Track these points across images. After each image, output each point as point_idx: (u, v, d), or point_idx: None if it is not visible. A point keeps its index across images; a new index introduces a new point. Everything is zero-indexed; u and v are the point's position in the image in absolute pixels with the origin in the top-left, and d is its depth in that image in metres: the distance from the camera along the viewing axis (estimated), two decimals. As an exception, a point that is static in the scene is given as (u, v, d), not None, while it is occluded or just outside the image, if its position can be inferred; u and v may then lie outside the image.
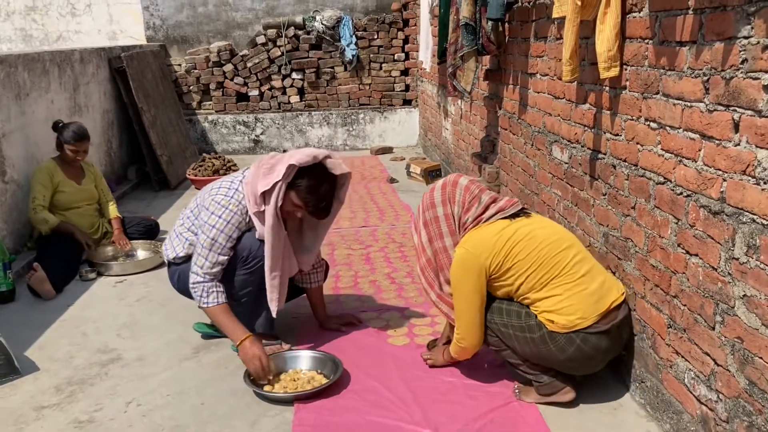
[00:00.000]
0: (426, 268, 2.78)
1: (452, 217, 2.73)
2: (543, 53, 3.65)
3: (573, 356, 2.54)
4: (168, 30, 8.82)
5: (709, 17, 2.05)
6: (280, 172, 2.83)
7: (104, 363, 3.15)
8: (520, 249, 2.58)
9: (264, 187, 2.85)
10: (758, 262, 1.86)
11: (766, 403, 1.87)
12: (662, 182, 2.39)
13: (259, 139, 8.87)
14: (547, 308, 2.55)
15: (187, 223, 3.14)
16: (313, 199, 2.88)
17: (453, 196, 2.73)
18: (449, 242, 2.72)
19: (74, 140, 4.53)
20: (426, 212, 2.78)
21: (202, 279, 2.92)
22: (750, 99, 1.86)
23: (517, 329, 2.59)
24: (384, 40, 8.72)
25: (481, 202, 2.69)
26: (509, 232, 2.61)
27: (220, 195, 2.96)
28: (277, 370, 2.92)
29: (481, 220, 2.67)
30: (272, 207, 2.85)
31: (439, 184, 2.80)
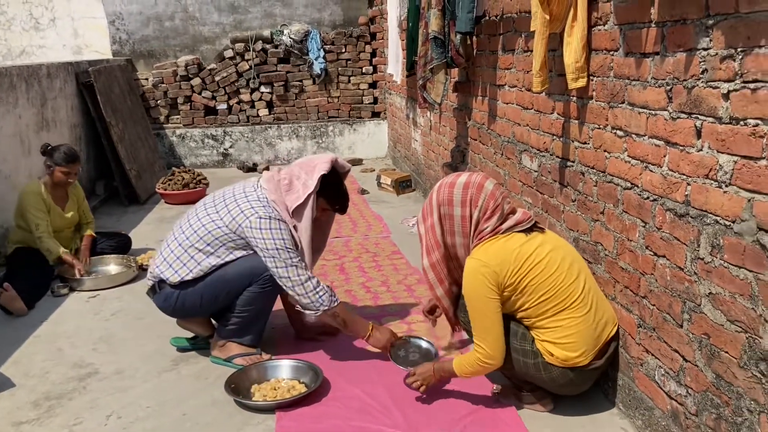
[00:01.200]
0: (439, 263, 2.72)
1: (469, 220, 2.62)
2: (511, 65, 3.76)
3: (563, 384, 2.59)
4: (134, 44, 8.79)
5: (671, 30, 2.16)
6: (310, 184, 3.00)
7: (82, 377, 3.13)
8: (538, 272, 2.51)
9: (296, 201, 3.00)
10: (722, 261, 1.97)
11: (732, 395, 1.96)
12: (629, 187, 2.49)
13: (228, 153, 8.86)
14: (550, 339, 2.54)
15: (198, 245, 3.02)
16: (340, 200, 3.17)
17: (476, 200, 2.60)
18: (460, 241, 2.66)
19: (66, 162, 4.47)
20: (442, 207, 2.67)
21: (316, 282, 2.96)
22: (711, 107, 1.97)
23: (512, 349, 2.59)
24: (352, 53, 8.81)
25: (503, 212, 2.60)
26: (527, 249, 2.54)
27: (261, 212, 2.97)
28: (258, 379, 2.94)
29: (498, 231, 2.58)
30: (309, 218, 3.01)
31: (462, 182, 2.65)
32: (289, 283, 2.92)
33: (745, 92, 1.82)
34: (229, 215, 3.01)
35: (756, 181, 1.80)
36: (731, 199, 1.91)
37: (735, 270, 1.91)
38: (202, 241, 3.02)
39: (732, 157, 1.90)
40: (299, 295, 2.92)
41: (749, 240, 1.84)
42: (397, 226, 5.60)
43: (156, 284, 3.13)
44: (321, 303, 2.93)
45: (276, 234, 2.93)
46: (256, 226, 2.94)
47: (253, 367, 3.00)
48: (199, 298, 3.04)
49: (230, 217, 3.00)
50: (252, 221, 2.95)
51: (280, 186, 3.03)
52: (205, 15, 8.82)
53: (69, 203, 4.66)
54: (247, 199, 3.03)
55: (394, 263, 4.65)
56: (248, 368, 3.01)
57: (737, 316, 1.92)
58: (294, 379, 2.96)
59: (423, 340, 3.15)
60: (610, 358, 2.63)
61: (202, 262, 3.02)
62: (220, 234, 3.00)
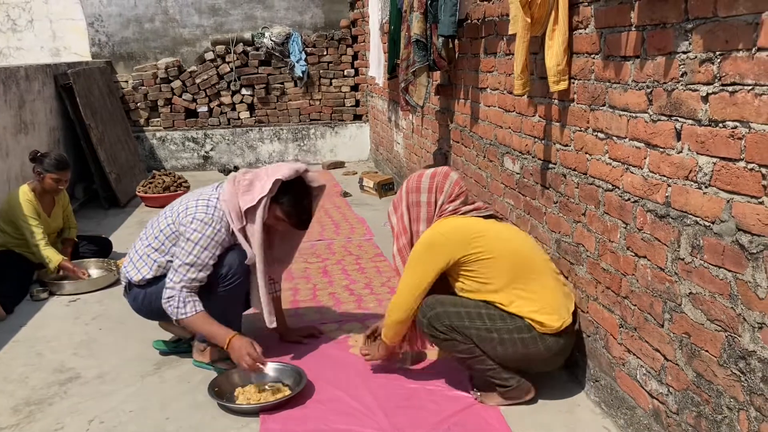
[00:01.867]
0: (405, 248, 2.87)
1: (434, 205, 2.82)
2: (493, 68, 3.79)
3: (557, 352, 2.70)
4: (114, 46, 8.72)
5: (651, 33, 2.19)
6: (265, 187, 2.90)
7: (62, 382, 3.10)
8: (500, 242, 2.71)
9: (248, 203, 2.91)
10: (702, 262, 2.00)
11: (712, 393, 1.99)
12: (611, 189, 2.52)
13: (209, 156, 8.82)
14: (534, 309, 2.66)
15: (155, 244, 3.07)
16: (296, 213, 2.98)
17: (442, 186, 2.83)
18: (424, 227, 2.84)
19: (57, 169, 4.41)
20: (410, 194, 2.86)
21: (178, 291, 2.91)
22: (690, 109, 2.00)
23: (504, 332, 2.65)
24: (333, 56, 8.81)
25: (466, 198, 2.86)
26: (487, 225, 2.77)
27: (200, 212, 2.95)
28: (242, 382, 2.93)
29: (458, 211, 2.81)
30: (259, 223, 2.92)
31: (429, 172, 2.88)
32: (168, 281, 2.93)
33: (723, 95, 1.85)
34: (177, 213, 3.03)
35: (735, 182, 1.84)
36: (711, 200, 1.94)
37: (715, 270, 1.94)
38: (157, 241, 3.06)
39: (711, 159, 1.93)
40: (163, 296, 2.94)
41: (728, 240, 1.87)
42: (380, 228, 5.61)
43: (126, 285, 3.18)
44: (170, 312, 2.93)
45: (195, 237, 2.90)
46: (187, 224, 2.94)
47: (237, 370, 2.99)
48: (160, 296, 3.00)
49: (176, 215, 3.03)
50: (187, 220, 2.96)
51: (239, 187, 2.97)
52: (186, 17, 8.78)
53: (55, 209, 4.62)
54: (196, 201, 3.02)
55: (378, 265, 4.66)
56: (232, 371, 3.00)
57: (717, 316, 1.95)
58: (278, 381, 2.95)
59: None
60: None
61: (158, 260, 3.05)
62: (169, 233, 3.03)
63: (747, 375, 1.83)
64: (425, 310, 2.73)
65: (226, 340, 2.90)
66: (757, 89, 1.72)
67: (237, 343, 2.88)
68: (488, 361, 2.71)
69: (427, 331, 2.73)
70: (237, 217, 2.95)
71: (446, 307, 2.70)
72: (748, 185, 1.79)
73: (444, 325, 2.68)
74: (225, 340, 2.90)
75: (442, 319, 2.68)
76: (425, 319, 2.72)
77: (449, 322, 2.68)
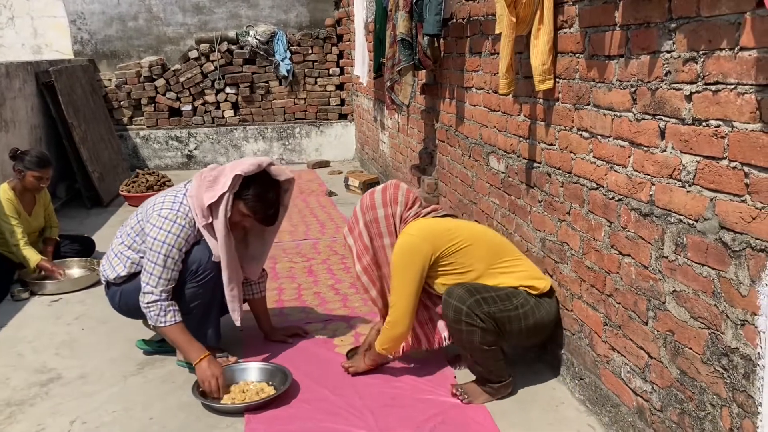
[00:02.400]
0: (370, 266, 2.90)
1: (392, 217, 2.88)
2: (478, 68, 3.79)
3: (554, 316, 2.82)
4: (97, 44, 8.64)
5: (635, 33, 2.21)
6: (226, 183, 2.84)
7: (44, 383, 3.06)
8: (466, 234, 2.80)
9: (210, 199, 2.86)
10: (686, 259, 2.01)
11: (695, 390, 2.01)
12: (595, 188, 2.53)
13: (193, 155, 8.76)
14: (522, 277, 2.79)
15: (127, 241, 3.06)
16: (261, 208, 2.91)
17: (395, 197, 2.89)
18: (387, 242, 2.88)
19: (39, 167, 4.35)
20: (366, 214, 2.90)
21: (158, 297, 2.88)
22: (674, 108, 2.01)
23: (521, 306, 2.72)
24: (318, 55, 8.79)
25: (421, 203, 2.95)
26: (452, 221, 2.88)
27: (165, 209, 2.93)
28: (227, 382, 2.92)
29: (420, 215, 2.89)
30: (222, 219, 2.87)
31: (379, 189, 2.94)
32: (144, 285, 2.90)
33: (707, 94, 1.87)
34: (145, 210, 3.02)
35: (718, 180, 1.85)
36: (694, 198, 1.95)
37: (698, 268, 1.96)
38: (129, 238, 3.06)
39: (695, 158, 1.94)
40: (139, 301, 2.91)
41: (712, 238, 1.88)
42: (365, 227, 5.59)
43: (105, 284, 3.18)
44: (149, 317, 2.91)
45: (161, 235, 2.87)
46: (153, 222, 2.91)
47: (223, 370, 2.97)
48: (136, 294, 2.98)
49: (145, 212, 3.01)
50: (152, 216, 2.93)
51: (204, 182, 2.93)
52: (170, 15, 8.72)
53: (36, 208, 4.56)
54: (164, 197, 3.00)
55: (363, 265, 4.65)
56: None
57: (700, 313, 1.96)
58: (263, 381, 2.94)
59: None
60: None
61: (132, 257, 3.03)
62: (138, 229, 3.01)
63: (730, 372, 1.85)
64: (464, 297, 2.65)
65: (197, 359, 2.86)
66: (740, 88, 1.74)
67: (205, 366, 2.84)
68: (500, 352, 2.75)
69: (465, 319, 2.64)
70: (201, 213, 2.90)
71: (481, 293, 2.68)
72: (731, 183, 1.80)
73: (483, 312, 2.63)
74: (196, 359, 2.86)
75: (481, 306, 2.64)
76: (465, 306, 2.63)
77: (487, 308, 2.65)
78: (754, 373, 1.75)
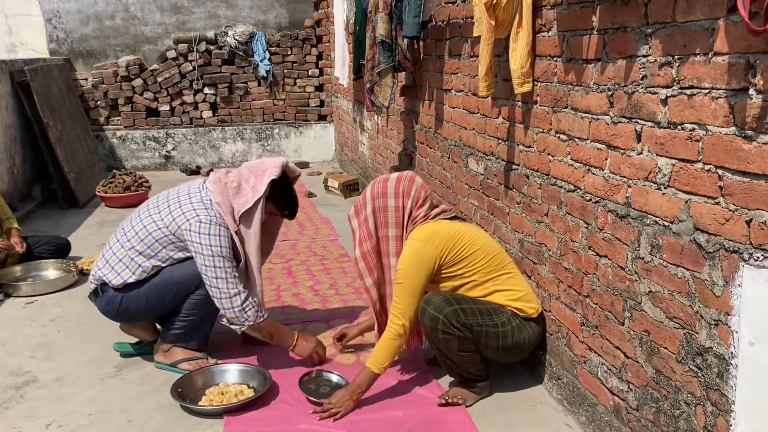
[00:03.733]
0: (370, 254, 2.86)
1: (402, 210, 2.83)
2: (457, 70, 3.81)
3: (534, 341, 2.79)
4: (73, 43, 8.55)
5: (612, 37, 2.24)
6: (260, 189, 2.96)
7: (19, 386, 3.02)
8: (473, 239, 2.78)
9: (245, 205, 2.95)
10: (661, 261, 2.04)
11: (670, 389, 2.04)
12: (572, 190, 2.56)
13: (171, 155, 8.70)
14: (512, 298, 2.76)
15: (139, 247, 2.95)
16: (291, 206, 3.16)
17: (408, 191, 2.83)
18: (393, 233, 2.85)
19: None
20: (376, 200, 2.85)
21: (246, 295, 2.89)
22: (650, 111, 2.05)
23: (503, 324, 2.70)
24: (298, 56, 8.78)
25: (432, 202, 2.89)
26: (459, 226, 2.82)
27: (202, 215, 2.90)
28: (205, 383, 2.90)
29: (428, 217, 2.83)
30: (259, 223, 2.98)
31: (394, 177, 2.89)
32: (218, 294, 2.87)
33: (682, 98, 1.90)
34: (170, 216, 2.95)
35: (693, 183, 1.88)
36: (670, 200, 1.99)
37: (673, 269, 1.99)
38: (142, 243, 2.96)
39: (670, 160, 1.97)
40: (225, 308, 2.88)
41: (686, 239, 1.92)
42: (345, 229, 5.58)
43: (98, 287, 3.05)
44: (246, 319, 2.90)
45: (214, 240, 2.86)
46: (195, 229, 2.87)
47: (200, 372, 2.96)
48: (144, 301, 2.97)
49: (171, 218, 2.94)
50: (192, 224, 2.88)
51: (228, 189, 2.97)
52: (147, 15, 8.65)
53: None
54: (189, 200, 2.96)
55: (343, 266, 4.65)
56: (195, 373, 2.97)
57: (675, 313, 2.00)
58: (242, 383, 2.93)
59: (333, 374, 3.00)
60: None
61: (143, 264, 2.96)
62: (160, 236, 2.94)
63: (704, 371, 1.88)
64: (441, 306, 2.64)
65: (293, 342, 3.06)
66: (714, 92, 1.77)
67: (304, 344, 3.07)
68: (478, 356, 2.74)
69: (442, 327, 2.63)
70: (231, 219, 2.96)
71: (461, 304, 2.67)
72: (705, 186, 1.84)
73: (460, 322, 2.63)
74: (292, 342, 3.06)
75: (459, 316, 2.63)
76: (441, 315, 2.62)
77: (465, 319, 2.64)
78: (728, 372, 1.78)
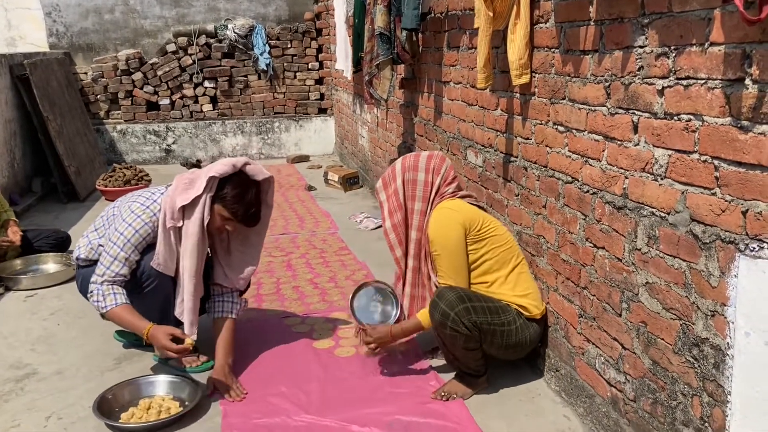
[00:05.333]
0: (400, 225, 2.91)
1: (431, 185, 2.88)
2: (456, 62, 3.81)
3: (533, 339, 2.80)
4: (73, 37, 8.53)
5: (609, 28, 2.23)
6: (201, 186, 2.79)
7: (19, 378, 3.03)
8: (494, 225, 2.84)
9: (184, 201, 2.80)
10: (658, 252, 2.04)
11: (667, 380, 2.04)
12: (570, 181, 2.56)
13: (171, 149, 8.69)
14: (518, 294, 2.78)
15: (97, 223, 3.11)
16: (241, 208, 2.82)
17: (439, 168, 2.90)
18: (418, 206, 2.88)
19: None
20: (406, 173, 2.90)
21: (98, 285, 2.84)
22: (647, 102, 2.04)
23: (508, 324, 2.70)
24: (298, 49, 8.76)
25: (459, 183, 2.96)
26: (482, 212, 2.90)
27: (137, 204, 2.92)
28: (132, 397, 2.79)
29: (456, 195, 2.90)
30: (198, 221, 2.82)
31: (425, 154, 2.96)
32: (93, 276, 2.89)
33: (678, 88, 1.90)
34: (122, 203, 3.04)
35: (689, 174, 1.88)
36: (666, 191, 1.98)
37: (670, 260, 1.99)
38: (100, 221, 3.11)
39: (667, 151, 1.97)
40: (89, 290, 2.90)
41: (683, 230, 1.92)
42: (345, 222, 5.60)
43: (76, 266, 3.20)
44: (96, 303, 2.86)
45: (123, 227, 2.85)
46: (122, 214, 2.92)
47: (127, 384, 2.84)
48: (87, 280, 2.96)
49: (121, 204, 3.04)
50: (123, 209, 2.95)
51: (180, 183, 2.89)
52: (147, 8, 8.63)
53: None
54: (143, 193, 3.01)
55: (342, 259, 4.66)
56: (123, 385, 2.84)
57: (672, 304, 2.00)
58: (170, 395, 2.80)
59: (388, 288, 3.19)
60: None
61: (93, 240, 3.05)
62: (110, 215, 3.06)
63: (700, 362, 1.88)
64: (453, 303, 2.62)
65: (144, 332, 2.80)
66: (710, 83, 1.77)
67: (153, 335, 2.78)
68: (480, 353, 2.73)
69: (451, 324, 2.61)
70: (172, 214, 2.83)
71: (473, 302, 2.65)
72: (701, 177, 1.83)
73: (471, 321, 2.61)
74: (143, 332, 2.80)
75: (470, 314, 2.62)
76: (453, 312, 2.61)
77: (475, 317, 2.62)
78: (724, 362, 1.79)
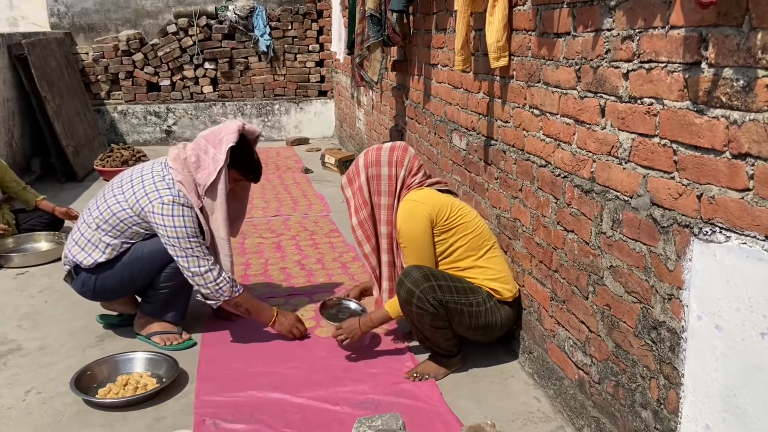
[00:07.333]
0: (366, 221, 2.92)
1: (395, 178, 2.88)
2: (443, 44, 3.79)
3: (505, 322, 2.81)
4: (74, 17, 8.55)
5: (580, 10, 2.22)
6: (220, 158, 2.95)
7: (2, 354, 3.08)
8: (464, 212, 2.84)
9: (209, 178, 2.95)
10: (621, 235, 2.05)
11: (628, 363, 2.05)
12: (544, 165, 2.56)
13: (171, 130, 8.72)
14: (489, 277, 2.78)
15: (104, 227, 2.97)
16: (254, 170, 3.16)
17: (402, 160, 2.89)
18: (385, 201, 2.89)
19: None
20: (369, 168, 2.90)
21: (218, 271, 2.92)
22: (613, 86, 2.04)
23: (477, 304, 2.71)
24: (298, 31, 8.74)
25: (425, 172, 2.95)
26: (452, 198, 2.89)
27: (165, 196, 2.89)
28: (110, 373, 2.83)
29: (423, 184, 2.90)
30: (224, 194, 2.98)
31: (387, 146, 2.95)
32: (189, 273, 2.90)
33: (641, 72, 1.89)
34: (134, 197, 2.95)
35: (650, 157, 1.88)
36: (629, 175, 1.99)
37: (632, 243, 1.99)
38: (107, 224, 2.97)
39: (630, 135, 1.97)
40: (199, 285, 2.91)
41: (644, 214, 1.92)
42: (338, 204, 5.61)
43: (72, 270, 3.08)
44: (221, 293, 2.93)
45: (177, 221, 2.86)
46: (159, 211, 2.88)
47: (105, 361, 2.88)
48: (117, 279, 3.00)
49: (134, 199, 2.94)
50: (155, 206, 2.89)
51: (188, 164, 2.95)
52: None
53: None
54: (153, 181, 2.95)
55: (332, 241, 4.68)
56: (100, 361, 2.88)
57: (633, 288, 2.00)
58: (148, 371, 2.84)
59: (353, 302, 3.27)
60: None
61: (111, 243, 2.97)
62: (124, 216, 2.95)
63: (658, 345, 1.89)
64: (418, 281, 2.64)
65: (271, 318, 3.08)
66: (669, 66, 1.76)
67: (283, 320, 3.09)
68: (450, 333, 2.75)
69: (416, 302, 2.63)
70: (195, 196, 2.95)
71: (438, 280, 2.67)
72: (661, 160, 1.83)
73: (436, 299, 2.63)
74: (271, 318, 3.08)
75: (435, 292, 2.64)
76: (417, 290, 2.63)
77: (441, 296, 2.64)
78: (679, 345, 1.80)
